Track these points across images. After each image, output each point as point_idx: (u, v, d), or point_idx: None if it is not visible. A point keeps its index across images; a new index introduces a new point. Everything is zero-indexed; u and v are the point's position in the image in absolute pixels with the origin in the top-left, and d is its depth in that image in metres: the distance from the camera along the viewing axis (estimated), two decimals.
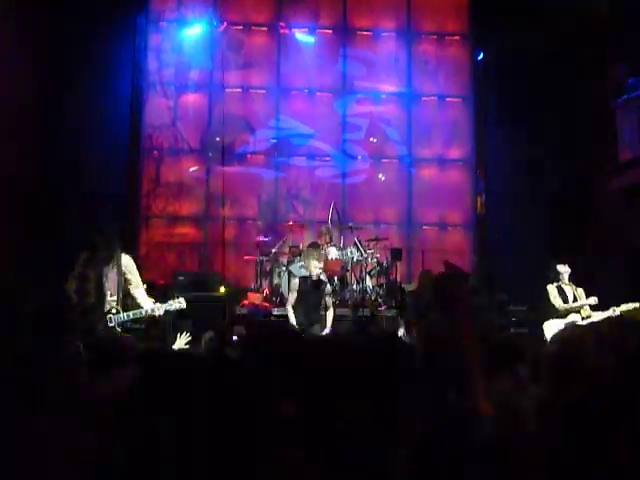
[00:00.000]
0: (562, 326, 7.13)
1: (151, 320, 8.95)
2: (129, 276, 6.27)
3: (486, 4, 11.79)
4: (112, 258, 6.17)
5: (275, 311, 9.49)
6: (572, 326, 6.29)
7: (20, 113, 9.94)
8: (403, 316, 8.56)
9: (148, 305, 6.18)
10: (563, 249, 10.37)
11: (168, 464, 1.51)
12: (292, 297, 7.56)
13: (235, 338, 6.13)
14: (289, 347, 2.43)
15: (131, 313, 6.13)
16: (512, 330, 9.29)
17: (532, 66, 11.33)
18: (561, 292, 7.99)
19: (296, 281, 7.61)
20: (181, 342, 5.21)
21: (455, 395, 2.41)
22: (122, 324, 6.17)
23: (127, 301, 6.31)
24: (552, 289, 8.01)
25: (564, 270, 8.09)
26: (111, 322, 6.01)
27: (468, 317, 2.14)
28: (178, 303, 6.19)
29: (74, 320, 5.93)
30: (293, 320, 7.38)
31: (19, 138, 9.80)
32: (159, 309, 6.15)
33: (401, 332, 8.13)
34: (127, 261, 6.33)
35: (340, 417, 1.66)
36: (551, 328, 7.53)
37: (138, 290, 6.30)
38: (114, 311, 6.05)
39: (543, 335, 7.62)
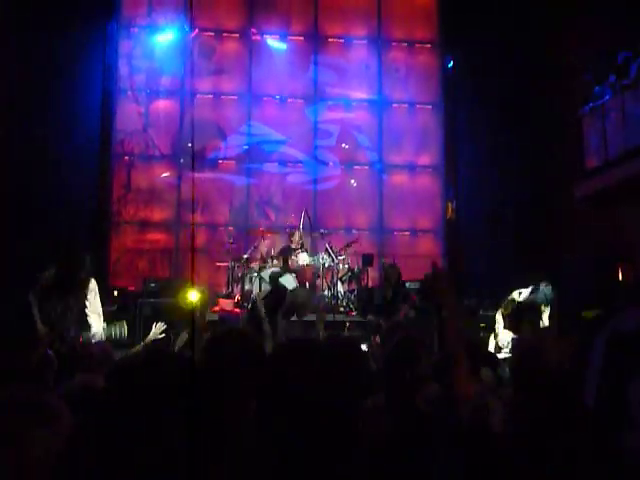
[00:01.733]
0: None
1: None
2: (90, 297, 6.33)
3: (455, 12, 11.99)
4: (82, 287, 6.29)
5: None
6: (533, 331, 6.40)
7: None
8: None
9: (93, 330, 6.27)
10: (532, 254, 10.54)
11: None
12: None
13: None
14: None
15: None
16: (482, 335, 9.38)
17: (501, 73, 11.49)
18: None
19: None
20: (156, 332, 5.25)
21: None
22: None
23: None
24: None
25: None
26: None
27: (453, 315, 2.24)
28: (119, 328, 6.23)
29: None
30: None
31: None
32: (99, 335, 6.25)
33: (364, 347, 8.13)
34: (92, 286, 6.42)
35: (303, 415, 1.68)
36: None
37: (94, 316, 6.27)
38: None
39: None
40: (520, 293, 7.38)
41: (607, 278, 10.04)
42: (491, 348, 7.21)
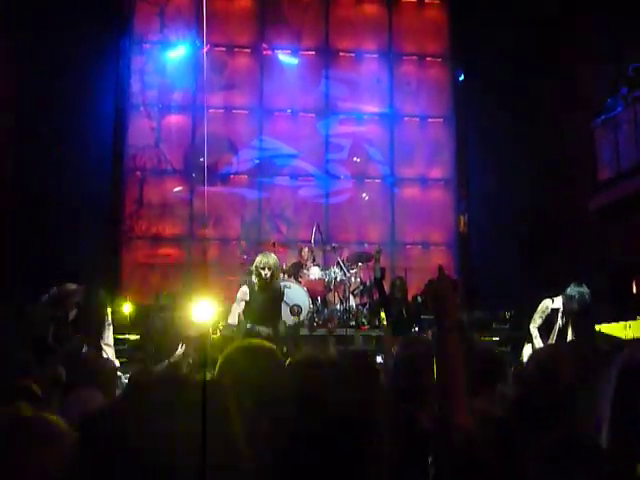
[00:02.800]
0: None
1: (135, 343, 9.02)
2: (104, 331, 6.31)
3: (466, 26, 12.09)
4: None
5: None
6: (549, 345, 6.24)
7: (5, 136, 10.16)
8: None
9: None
10: (545, 267, 10.49)
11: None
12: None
13: None
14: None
15: None
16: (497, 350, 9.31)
17: (511, 86, 11.55)
18: None
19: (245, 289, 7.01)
20: (180, 352, 5.32)
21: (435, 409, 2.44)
22: None
23: None
24: None
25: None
26: None
27: (454, 328, 2.11)
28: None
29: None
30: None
31: (4, 161, 9.94)
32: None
33: (380, 359, 8.06)
34: (108, 320, 6.41)
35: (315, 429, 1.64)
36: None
37: (108, 349, 6.25)
38: None
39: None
40: (553, 301, 6.94)
41: (622, 291, 10.01)
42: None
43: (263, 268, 6.57)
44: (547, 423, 1.83)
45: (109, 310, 6.46)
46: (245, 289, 6.88)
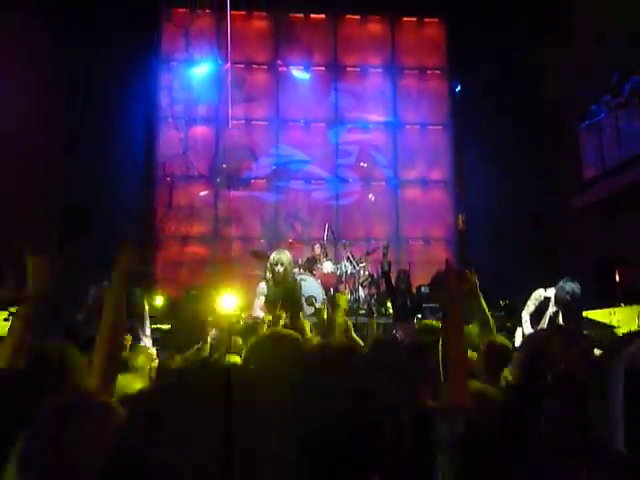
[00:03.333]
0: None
1: (167, 332, 9.73)
2: (143, 323, 6.59)
3: (462, 42, 12.65)
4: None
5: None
6: (540, 330, 6.10)
7: (48, 147, 10.73)
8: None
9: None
10: (537, 261, 10.97)
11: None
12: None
13: None
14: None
15: None
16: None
17: (504, 96, 11.98)
18: None
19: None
20: (206, 339, 5.94)
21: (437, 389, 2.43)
22: None
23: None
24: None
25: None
26: None
27: (458, 310, 2.22)
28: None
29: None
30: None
31: (48, 169, 10.60)
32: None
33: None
34: (145, 313, 6.64)
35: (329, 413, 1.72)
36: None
37: (146, 338, 6.46)
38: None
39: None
40: (545, 290, 7.12)
41: (605, 280, 10.56)
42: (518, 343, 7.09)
43: (276, 264, 6.51)
44: (539, 406, 1.79)
45: (146, 304, 6.77)
46: (263, 284, 6.76)
